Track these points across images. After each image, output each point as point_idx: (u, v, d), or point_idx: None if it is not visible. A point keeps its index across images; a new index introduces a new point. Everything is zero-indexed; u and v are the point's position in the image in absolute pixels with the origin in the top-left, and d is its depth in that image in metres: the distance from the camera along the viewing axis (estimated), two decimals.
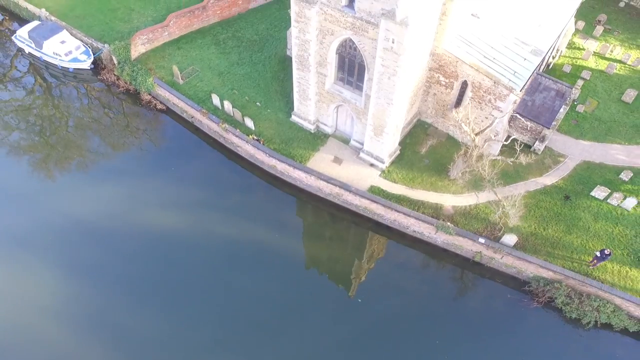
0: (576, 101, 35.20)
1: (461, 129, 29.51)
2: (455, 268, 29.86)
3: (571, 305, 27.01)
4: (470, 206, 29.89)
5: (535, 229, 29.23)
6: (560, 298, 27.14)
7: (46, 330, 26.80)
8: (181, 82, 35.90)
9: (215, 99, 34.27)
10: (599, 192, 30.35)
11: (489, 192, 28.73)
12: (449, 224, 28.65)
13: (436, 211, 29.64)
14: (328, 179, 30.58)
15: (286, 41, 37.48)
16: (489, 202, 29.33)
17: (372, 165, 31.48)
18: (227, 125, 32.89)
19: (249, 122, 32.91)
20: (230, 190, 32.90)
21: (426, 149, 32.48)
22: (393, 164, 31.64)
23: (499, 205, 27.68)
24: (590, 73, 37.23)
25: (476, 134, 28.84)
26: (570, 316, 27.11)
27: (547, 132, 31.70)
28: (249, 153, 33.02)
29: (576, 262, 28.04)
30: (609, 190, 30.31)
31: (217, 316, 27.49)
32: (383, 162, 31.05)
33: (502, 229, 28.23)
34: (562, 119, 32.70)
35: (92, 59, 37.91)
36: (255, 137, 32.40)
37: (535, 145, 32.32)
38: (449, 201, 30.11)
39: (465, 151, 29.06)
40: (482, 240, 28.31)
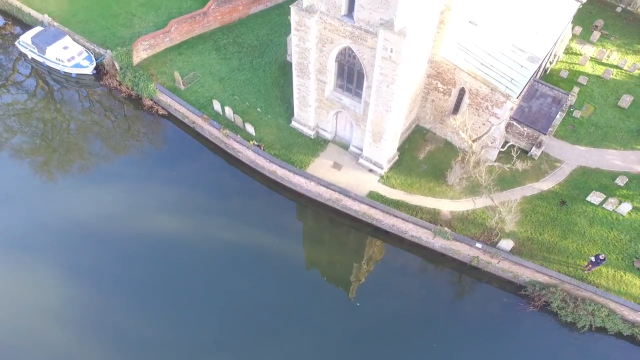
0: (573, 107, 35.59)
1: (459, 135, 29.95)
2: (453, 272, 30.33)
3: (566, 309, 27.48)
4: (467, 211, 30.33)
5: (532, 233, 29.68)
6: (556, 302, 27.61)
7: (48, 331, 27.19)
8: (182, 87, 36.30)
9: (217, 105, 34.68)
10: (595, 198, 30.80)
11: (486, 197, 29.17)
12: (446, 229, 29.10)
13: (434, 216, 30.08)
14: (328, 185, 31.03)
15: (286, 47, 37.84)
16: (486, 208, 29.77)
17: (371, 171, 31.91)
18: (228, 131, 33.32)
19: (250, 127, 33.34)
20: (231, 195, 33.37)
21: (424, 155, 32.92)
22: (392, 169, 32.07)
23: (495, 211, 28.13)
24: (587, 78, 37.61)
25: (473, 141, 29.27)
26: (566, 320, 27.56)
27: (543, 138, 32.12)
28: (250, 158, 33.45)
29: (572, 266, 28.50)
30: (605, 196, 30.77)
31: (218, 319, 27.93)
32: (382, 167, 31.48)
33: (499, 234, 28.69)
34: (558, 124, 33.16)
35: (95, 64, 38.34)
36: (256, 143, 32.83)
37: (532, 151, 32.74)
38: (447, 206, 30.55)
39: (462, 157, 29.48)
40: (479, 245, 28.77)
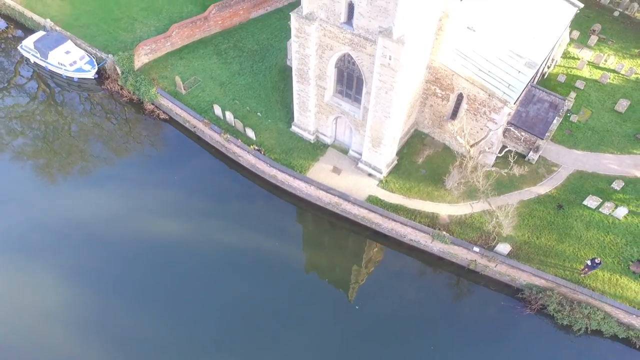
0: (570, 111, 35.94)
1: (457, 140, 30.30)
2: (451, 275, 30.69)
3: (563, 312, 27.85)
4: (465, 215, 30.71)
5: (529, 237, 30.04)
6: (552, 305, 27.97)
7: (49, 333, 27.52)
8: (183, 92, 36.65)
9: (217, 110, 35.02)
10: (591, 202, 31.16)
11: (484, 202, 29.54)
12: (444, 233, 29.47)
13: (432, 220, 30.45)
14: (327, 189, 31.39)
15: (286, 51, 38.19)
16: (483, 212, 30.14)
17: (370, 175, 32.28)
18: (228, 136, 33.68)
19: (250, 132, 33.70)
20: (232, 198, 33.73)
21: (423, 159, 33.28)
22: (390, 173, 32.43)
23: (492, 216, 28.51)
24: (585, 83, 37.97)
25: (471, 146, 29.62)
26: (562, 323, 27.92)
27: (540, 143, 32.49)
28: (250, 163, 33.81)
29: (568, 270, 28.87)
30: (601, 200, 31.12)
31: (218, 322, 28.30)
32: (381, 172, 31.84)
33: (496, 238, 29.07)
34: (555, 129, 33.51)
35: (96, 68, 38.71)
36: (256, 147, 33.20)
37: (529, 155, 33.10)
38: (445, 210, 30.92)
39: (460, 162, 29.83)
40: (476, 249, 29.15)
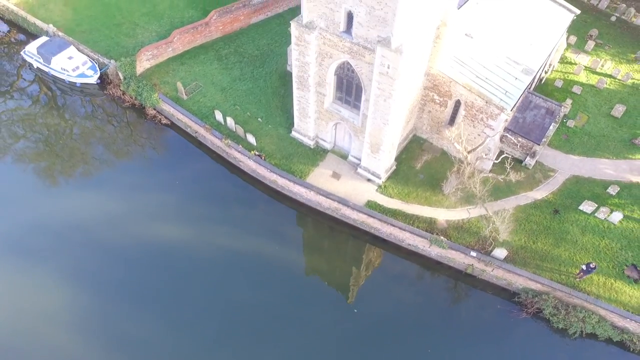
0: (567, 116, 36.35)
1: (454, 146, 30.76)
2: (449, 279, 31.16)
3: (558, 316, 28.33)
4: (462, 220, 31.18)
5: (525, 242, 30.52)
6: (548, 309, 28.46)
7: (49, 335, 27.93)
8: (185, 97, 37.08)
9: (219, 115, 35.46)
10: (587, 207, 31.63)
11: (481, 207, 29.99)
12: (442, 238, 29.95)
13: (430, 225, 30.93)
14: (327, 194, 31.86)
15: (287, 57, 38.60)
16: (480, 217, 30.62)
17: (369, 180, 32.74)
18: (229, 141, 34.13)
19: (251, 137, 34.15)
20: (233, 203, 34.18)
21: (421, 164, 33.75)
22: (389, 179, 32.89)
23: (489, 221, 28.98)
24: (581, 88, 38.40)
25: (468, 152, 30.07)
26: (557, 326, 28.40)
27: (537, 148, 32.95)
28: (251, 168, 34.27)
29: (564, 274, 29.35)
30: (596, 205, 31.59)
31: (218, 325, 28.72)
32: (379, 177, 32.31)
33: (493, 243, 29.53)
34: (552, 135, 33.95)
35: (99, 74, 39.12)
36: (257, 153, 33.65)
37: (526, 161, 33.55)
38: (443, 215, 31.39)
39: (457, 168, 30.29)
40: (473, 253, 29.63)
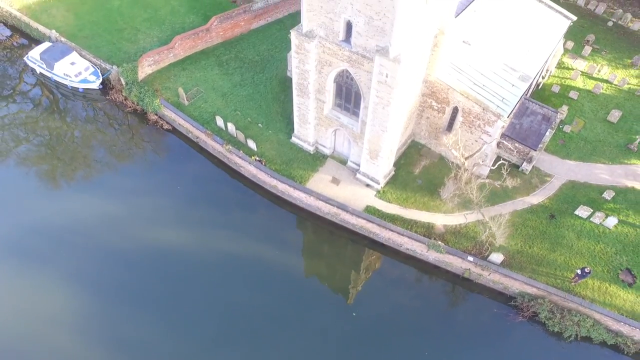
0: (563, 122, 36.78)
1: (452, 153, 31.23)
2: (446, 283, 31.64)
3: (554, 319, 28.80)
4: (460, 225, 31.66)
5: (522, 246, 31.00)
6: (544, 313, 28.93)
7: (49, 336, 28.33)
8: (186, 103, 37.53)
9: (219, 121, 35.92)
10: (582, 211, 32.09)
11: (478, 212, 30.47)
12: (439, 242, 30.44)
13: (428, 230, 31.41)
14: (326, 199, 32.34)
15: (287, 62, 39.05)
16: (477, 222, 31.09)
17: (368, 186, 33.22)
18: (230, 147, 34.60)
19: (252, 143, 34.62)
20: (233, 208, 34.66)
21: (419, 170, 34.22)
22: (388, 184, 33.36)
23: (485, 226, 29.46)
24: (578, 93, 38.81)
25: (466, 159, 30.53)
26: (553, 330, 28.87)
27: (534, 154, 33.41)
28: (252, 173, 34.74)
29: (559, 278, 29.84)
30: (592, 210, 32.04)
31: (218, 328, 29.17)
32: (378, 182, 32.79)
33: (489, 248, 30.02)
34: (548, 140, 34.40)
35: (101, 79, 39.58)
36: (257, 158, 34.12)
37: (523, 166, 34.02)
38: (440, 220, 31.87)
39: (455, 174, 30.76)
40: (470, 258, 30.12)
